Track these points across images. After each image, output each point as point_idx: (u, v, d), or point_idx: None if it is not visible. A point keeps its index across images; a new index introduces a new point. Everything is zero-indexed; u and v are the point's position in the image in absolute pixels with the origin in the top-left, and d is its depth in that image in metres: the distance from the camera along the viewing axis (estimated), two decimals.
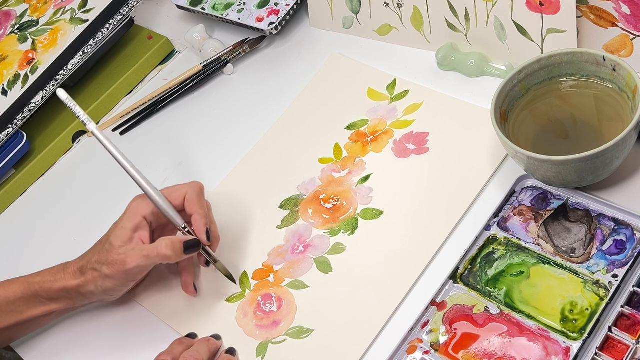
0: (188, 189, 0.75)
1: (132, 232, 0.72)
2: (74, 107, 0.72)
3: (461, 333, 0.68)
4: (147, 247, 0.71)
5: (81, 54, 0.97)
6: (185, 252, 0.71)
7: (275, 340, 0.72)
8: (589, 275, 0.67)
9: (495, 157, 0.78)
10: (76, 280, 0.72)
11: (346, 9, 0.94)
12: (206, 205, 0.76)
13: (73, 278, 0.72)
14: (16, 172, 0.95)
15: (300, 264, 0.77)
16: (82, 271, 0.72)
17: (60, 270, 0.73)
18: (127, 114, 0.99)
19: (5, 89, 0.95)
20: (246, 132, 0.91)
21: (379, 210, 0.78)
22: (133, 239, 0.72)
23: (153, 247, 0.71)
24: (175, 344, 0.71)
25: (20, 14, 1.03)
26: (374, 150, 0.83)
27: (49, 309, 0.74)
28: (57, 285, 0.72)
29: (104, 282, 0.71)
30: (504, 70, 0.84)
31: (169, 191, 0.75)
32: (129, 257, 0.70)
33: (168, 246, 0.70)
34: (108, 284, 0.71)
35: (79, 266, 0.73)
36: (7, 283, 0.74)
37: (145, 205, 0.74)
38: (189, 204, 0.74)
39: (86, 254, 0.74)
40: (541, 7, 0.77)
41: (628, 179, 0.72)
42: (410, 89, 0.87)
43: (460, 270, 0.71)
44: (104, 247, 0.72)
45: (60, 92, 0.73)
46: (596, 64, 0.72)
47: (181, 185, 0.76)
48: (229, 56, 0.98)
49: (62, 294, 0.73)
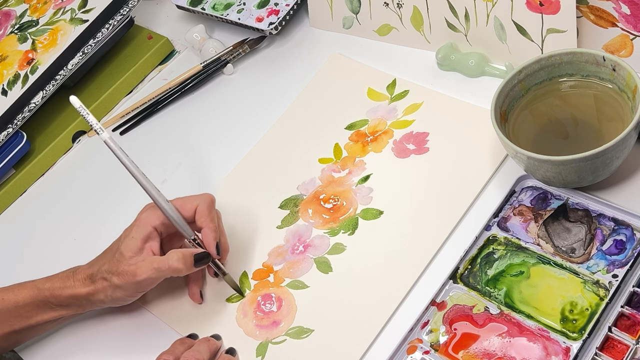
0: (199, 202, 0.75)
1: (142, 243, 0.72)
2: (87, 115, 0.71)
3: (461, 333, 0.68)
4: (158, 260, 0.71)
5: (81, 54, 0.97)
6: (195, 265, 0.72)
7: (275, 340, 0.72)
8: (589, 275, 0.67)
9: (495, 157, 0.78)
10: (86, 288, 0.72)
11: (346, 9, 0.94)
12: (216, 215, 0.76)
13: (83, 286, 0.72)
14: (16, 172, 0.95)
15: (300, 264, 0.77)
16: (92, 279, 0.72)
17: (70, 277, 0.73)
18: (127, 114, 0.99)
19: (5, 89, 0.95)
20: (246, 132, 0.91)
21: (379, 210, 0.78)
22: (144, 249, 0.72)
23: (164, 260, 0.71)
24: (176, 343, 0.71)
25: (20, 14, 1.03)
26: (374, 150, 0.83)
27: (58, 315, 0.74)
28: (66, 293, 0.72)
29: (114, 292, 0.71)
30: (504, 70, 0.84)
31: (181, 202, 0.75)
32: (140, 269, 0.70)
33: (180, 260, 0.70)
34: (118, 294, 0.71)
35: (88, 273, 0.72)
36: (17, 287, 0.74)
37: (156, 216, 0.73)
38: (200, 217, 0.74)
39: (96, 260, 0.74)
40: (541, 7, 0.77)
41: (628, 179, 0.72)
42: (410, 89, 0.87)
43: (460, 270, 0.71)
44: (114, 256, 0.72)
45: (73, 99, 0.71)
46: (596, 64, 0.72)
47: (192, 197, 0.75)
48: (229, 56, 0.98)
49: (72, 300, 0.73)
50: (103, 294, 0.72)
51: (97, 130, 0.71)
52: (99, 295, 0.72)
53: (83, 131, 0.99)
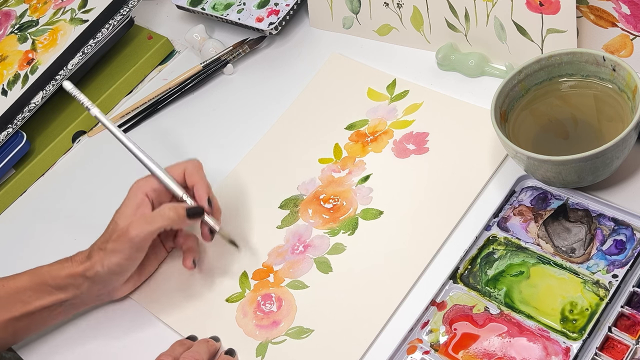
0: (187, 165, 0.77)
1: (135, 209, 0.74)
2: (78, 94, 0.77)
3: (461, 333, 0.68)
4: (150, 214, 0.73)
5: (81, 54, 0.97)
6: (188, 217, 0.73)
7: (275, 340, 0.72)
8: (589, 275, 0.67)
9: (495, 157, 0.78)
10: (82, 265, 0.73)
11: (346, 9, 0.94)
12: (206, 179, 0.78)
13: (80, 264, 0.73)
14: (16, 172, 0.95)
15: (300, 264, 0.77)
16: (89, 256, 0.73)
17: (68, 260, 0.75)
18: (127, 114, 0.99)
19: (5, 89, 0.95)
20: (246, 132, 0.91)
21: (379, 211, 0.78)
22: (136, 214, 0.74)
23: (156, 212, 0.73)
24: (175, 345, 0.71)
25: (20, 14, 1.03)
26: (374, 150, 0.83)
27: (56, 299, 0.74)
28: (64, 272, 0.73)
29: (109, 259, 0.72)
30: (504, 70, 0.84)
31: (169, 167, 0.78)
32: (132, 225, 0.72)
33: (172, 209, 0.73)
34: (113, 259, 0.72)
35: (86, 254, 0.74)
36: (16, 275, 0.75)
37: (145, 182, 0.76)
38: (190, 177, 0.77)
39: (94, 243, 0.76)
40: (541, 7, 0.77)
41: (628, 179, 0.72)
42: (410, 89, 0.87)
43: (460, 270, 0.71)
44: (108, 228, 0.74)
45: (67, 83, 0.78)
46: (596, 64, 0.72)
47: (180, 162, 0.78)
48: (229, 56, 0.98)
49: (69, 280, 0.73)
50: (100, 264, 0.72)
51: (87, 106, 0.77)
52: (96, 266, 0.72)
53: (83, 131, 0.99)
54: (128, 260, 0.73)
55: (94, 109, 0.77)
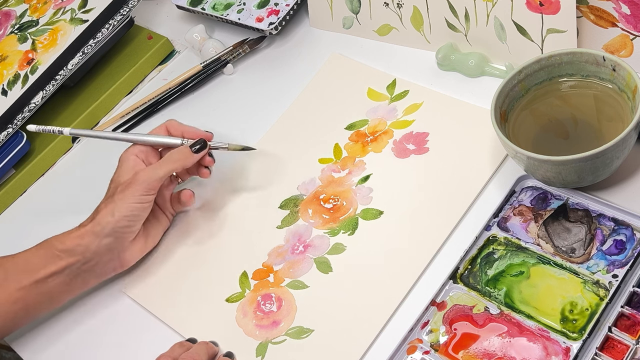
0: (166, 123, 0.82)
1: (131, 170, 0.77)
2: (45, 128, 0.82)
3: (461, 333, 0.68)
4: (157, 162, 0.78)
5: (81, 54, 0.97)
6: (195, 152, 0.78)
7: (275, 340, 0.72)
8: (589, 275, 0.67)
9: (495, 157, 0.78)
10: (90, 223, 0.75)
11: (346, 9, 0.94)
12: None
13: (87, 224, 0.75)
14: (16, 172, 0.95)
15: (300, 264, 0.77)
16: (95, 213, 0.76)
17: (76, 227, 0.77)
18: (127, 114, 0.99)
19: (5, 89, 0.95)
20: (246, 132, 0.91)
21: (379, 211, 0.78)
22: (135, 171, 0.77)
23: (162, 160, 0.78)
24: (175, 346, 0.71)
25: (20, 14, 1.03)
26: (374, 150, 0.83)
27: (66, 263, 0.74)
28: (72, 235, 0.75)
29: (119, 207, 0.74)
30: (504, 70, 0.84)
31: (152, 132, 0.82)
32: (139, 173, 0.76)
33: (175, 153, 0.77)
34: (124, 205, 0.74)
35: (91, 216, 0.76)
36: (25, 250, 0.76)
37: (132, 148, 0.80)
38: (175, 130, 0.81)
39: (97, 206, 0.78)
40: (541, 7, 0.77)
41: (628, 179, 0.72)
42: (410, 89, 0.87)
43: (460, 270, 0.71)
44: (109, 191, 0.78)
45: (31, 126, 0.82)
46: (596, 64, 0.72)
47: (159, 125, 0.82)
48: (229, 56, 0.98)
49: (77, 241, 0.74)
50: (109, 214, 0.74)
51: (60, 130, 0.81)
52: (106, 217, 0.74)
53: None
54: (139, 203, 0.75)
55: (65, 130, 0.82)
